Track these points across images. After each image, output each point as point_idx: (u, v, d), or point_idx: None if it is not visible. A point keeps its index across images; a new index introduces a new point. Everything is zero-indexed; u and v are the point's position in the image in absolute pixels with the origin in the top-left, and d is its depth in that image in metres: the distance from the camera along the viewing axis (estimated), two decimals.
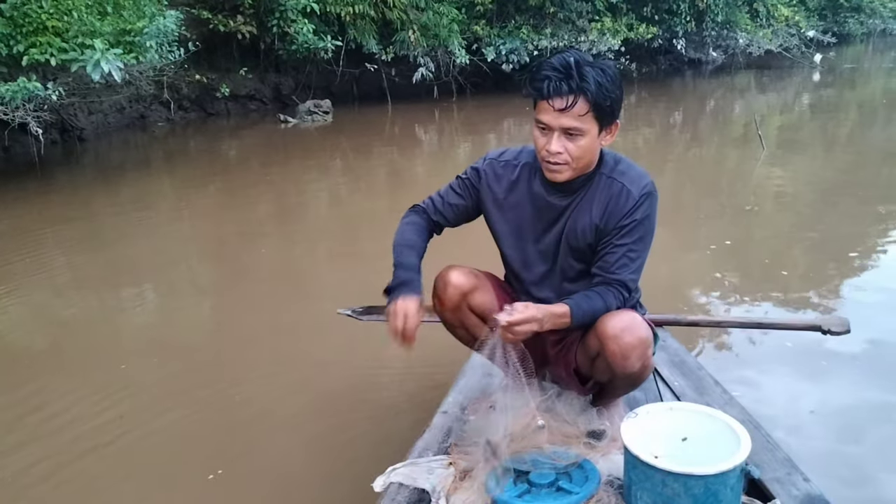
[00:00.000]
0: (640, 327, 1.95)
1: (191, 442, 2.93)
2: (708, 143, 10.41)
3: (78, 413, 3.20)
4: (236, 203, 7.28)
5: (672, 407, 1.96)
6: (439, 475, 1.89)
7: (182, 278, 5.24)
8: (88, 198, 7.82)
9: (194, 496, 2.59)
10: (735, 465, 1.67)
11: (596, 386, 2.20)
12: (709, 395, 2.36)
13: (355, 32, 12.84)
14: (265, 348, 3.81)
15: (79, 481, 2.72)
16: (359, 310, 3.07)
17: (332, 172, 9.12)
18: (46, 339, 4.22)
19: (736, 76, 18.65)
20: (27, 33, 7.09)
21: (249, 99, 13.89)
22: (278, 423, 3.04)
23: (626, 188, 2.00)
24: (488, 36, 14.51)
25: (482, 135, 11.38)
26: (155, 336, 4.16)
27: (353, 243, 5.85)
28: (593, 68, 1.86)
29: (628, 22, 16.06)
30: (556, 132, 1.91)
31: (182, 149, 11.14)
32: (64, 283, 5.23)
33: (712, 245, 5.23)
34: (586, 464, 1.84)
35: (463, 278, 2.13)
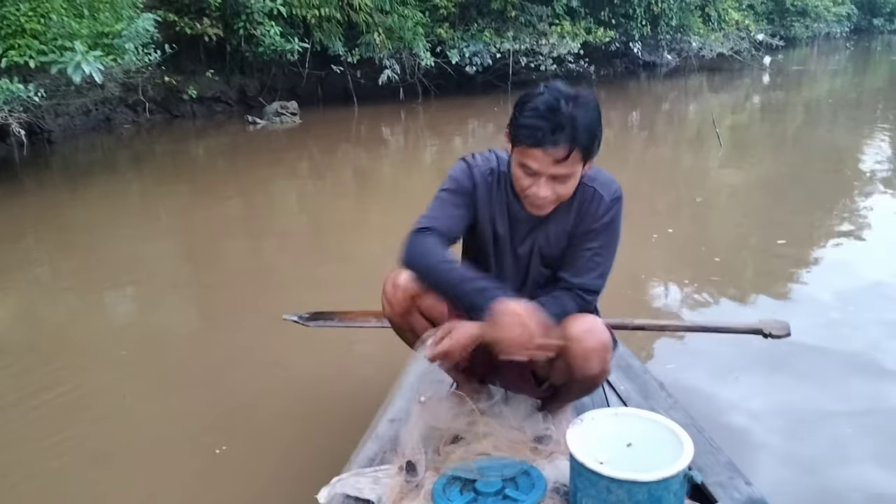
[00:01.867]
0: (602, 331, 1.93)
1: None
2: (664, 142, 10.52)
3: (83, 392, 3.32)
4: (205, 203, 7.18)
5: (617, 412, 1.94)
6: (385, 485, 1.84)
7: (154, 277, 5.13)
8: (58, 200, 7.66)
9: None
10: (677, 470, 1.66)
11: (550, 389, 2.17)
12: (654, 399, 2.35)
13: (321, 35, 12.71)
14: (217, 350, 3.74)
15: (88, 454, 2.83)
16: (305, 315, 3.01)
17: (300, 173, 9.03)
18: (41, 331, 4.21)
19: (689, 78, 18.84)
20: (5, 35, 6.98)
21: (215, 101, 13.66)
22: (211, 427, 2.94)
23: (598, 193, 1.97)
24: (452, 39, 14.46)
25: (448, 135, 11.36)
26: (137, 329, 4.19)
27: (321, 243, 5.80)
28: (578, 108, 1.77)
29: (587, 26, 16.12)
30: (544, 177, 1.83)
31: (148, 151, 10.92)
32: (45, 280, 5.21)
33: (655, 235, 5.30)
34: (532, 471, 1.81)
35: (413, 281, 2.01)
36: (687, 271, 4.79)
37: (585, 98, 1.82)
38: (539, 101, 1.79)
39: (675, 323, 3.38)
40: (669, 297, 4.39)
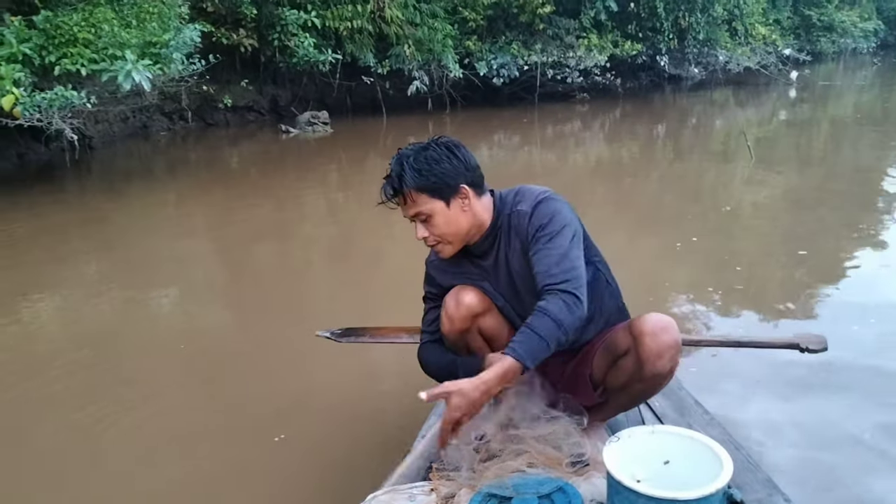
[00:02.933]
0: (676, 330, 1.93)
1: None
2: (690, 155, 10.39)
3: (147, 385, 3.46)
4: (238, 210, 7.22)
5: (654, 430, 1.88)
6: (421, 501, 1.80)
7: (192, 280, 5.22)
8: (98, 204, 7.79)
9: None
10: (717, 488, 1.59)
11: (603, 395, 2.13)
12: (690, 416, 2.29)
13: (353, 47, 12.77)
14: (251, 363, 3.72)
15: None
16: (337, 332, 2.97)
17: (330, 182, 9.05)
18: (96, 329, 4.30)
19: (714, 92, 18.65)
20: (59, 45, 7.14)
21: (248, 110, 13.80)
22: (252, 442, 2.91)
23: (521, 211, 2.00)
24: (480, 51, 14.46)
25: (474, 146, 11.26)
26: (184, 327, 4.33)
27: (350, 253, 5.79)
28: (414, 158, 1.94)
29: (614, 39, 16.03)
30: (415, 222, 2.00)
31: (183, 158, 11.04)
32: (90, 280, 5.32)
33: (679, 243, 5.21)
34: (568, 488, 1.76)
35: (476, 299, 2.07)
36: (709, 280, 4.71)
37: (429, 146, 1.98)
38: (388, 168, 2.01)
39: (709, 338, 3.28)
40: (693, 306, 4.30)
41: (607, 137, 12.29)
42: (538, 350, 1.78)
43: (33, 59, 7.03)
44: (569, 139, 12.31)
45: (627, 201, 7.28)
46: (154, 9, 8.07)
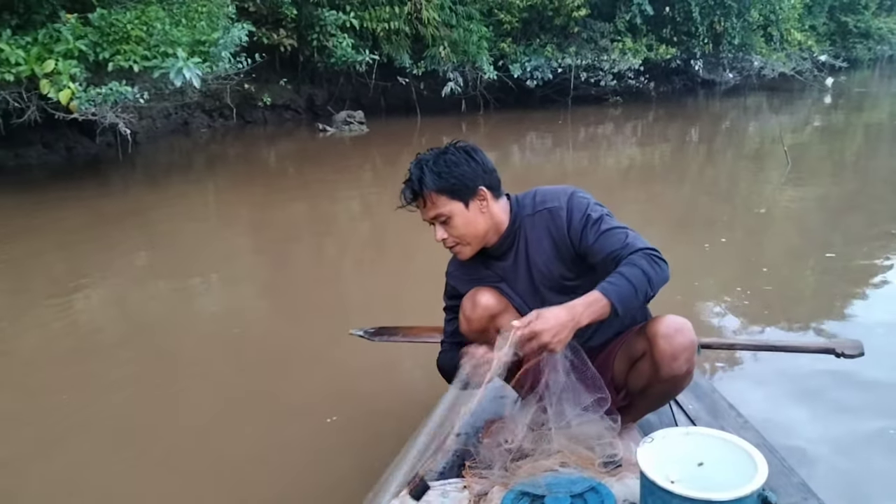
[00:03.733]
0: (691, 331, 1.92)
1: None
2: (723, 160, 10.25)
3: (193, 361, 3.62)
4: (274, 206, 7.29)
5: (688, 431, 1.86)
6: (454, 498, 1.79)
7: (232, 272, 5.29)
8: (140, 197, 7.93)
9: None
10: (752, 490, 1.57)
11: (626, 398, 2.12)
12: (723, 419, 2.25)
13: (389, 47, 12.81)
14: (288, 352, 3.75)
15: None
16: (370, 330, 2.99)
17: (364, 181, 9.09)
18: (145, 318, 4.38)
19: (748, 97, 18.37)
20: (112, 41, 7.30)
21: (285, 108, 13.92)
22: (280, 441, 2.90)
23: (552, 208, 2.01)
24: (514, 53, 14.42)
25: (506, 147, 11.27)
26: (228, 316, 4.40)
27: (382, 250, 5.81)
28: (434, 161, 1.97)
29: (648, 42, 15.88)
30: (434, 224, 2.02)
31: (222, 154, 11.17)
32: (137, 269, 5.45)
33: (707, 244, 5.14)
34: (601, 488, 1.74)
35: (493, 300, 2.06)
36: (738, 280, 4.65)
37: (448, 150, 2.00)
38: (407, 171, 2.03)
39: (743, 341, 3.22)
40: (721, 307, 4.24)
41: (640, 141, 12.17)
42: (626, 293, 1.78)
43: (88, 56, 7.19)
44: (601, 142, 12.22)
45: (658, 204, 7.20)
46: (203, 8, 8.23)
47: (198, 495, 2.54)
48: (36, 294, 4.70)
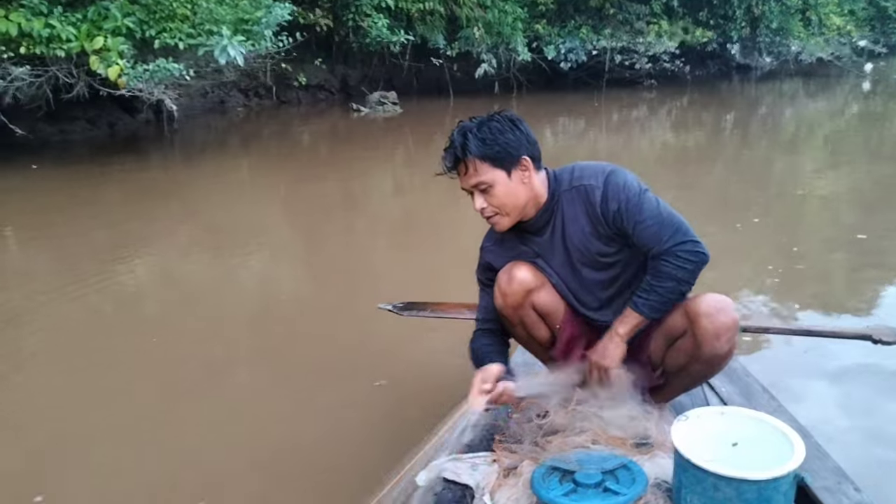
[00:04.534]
0: (733, 310, 1.88)
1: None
2: (758, 144, 10.04)
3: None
4: (307, 184, 7.31)
5: (723, 411, 1.81)
6: (483, 471, 1.77)
7: (267, 247, 5.33)
8: (177, 173, 8.06)
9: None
10: (789, 470, 1.53)
11: (662, 377, 2.07)
12: (756, 402, 2.20)
13: (424, 28, 12.74)
14: (314, 334, 3.74)
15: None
16: (399, 305, 2.96)
17: (396, 160, 9.08)
18: (188, 288, 4.46)
19: (784, 82, 17.97)
20: (159, 19, 7.36)
21: (319, 88, 13.93)
22: (291, 418, 2.88)
23: (588, 185, 1.95)
24: (549, 35, 14.25)
25: (539, 129, 11.17)
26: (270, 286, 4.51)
27: (412, 229, 5.81)
28: (477, 128, 1.92)
29: (684, 25, 15.59)
30: (473, 193, 1.96)
31: (257, 133, 11.23)
32: (178, 242, 5.53)
33: (739, 224, 5.09)
34: (633, 465, 1.70)
35: (529, 275, 2.02)
36: (769, 259, 4.60)
37: (492, 117, 1.96)
38: (448, 139, 1.99)
39: (777, 325, 3.15)
40: (752, 285, 4.18)
41: (674, 125, 11.98)
42: (660, 307, 1.90)
43: (135, 33, 7.26)
44: (634, 125, 12.04)
45: (691, 186, 7.09)
46: None
47: (251, 453, 2.58)
48: (82, 265, 4.75)
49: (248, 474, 2.45)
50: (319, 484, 2.36)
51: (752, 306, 3.91)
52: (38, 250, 5.26)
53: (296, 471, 2.44)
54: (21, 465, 2.53)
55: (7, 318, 3.88)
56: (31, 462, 2.54)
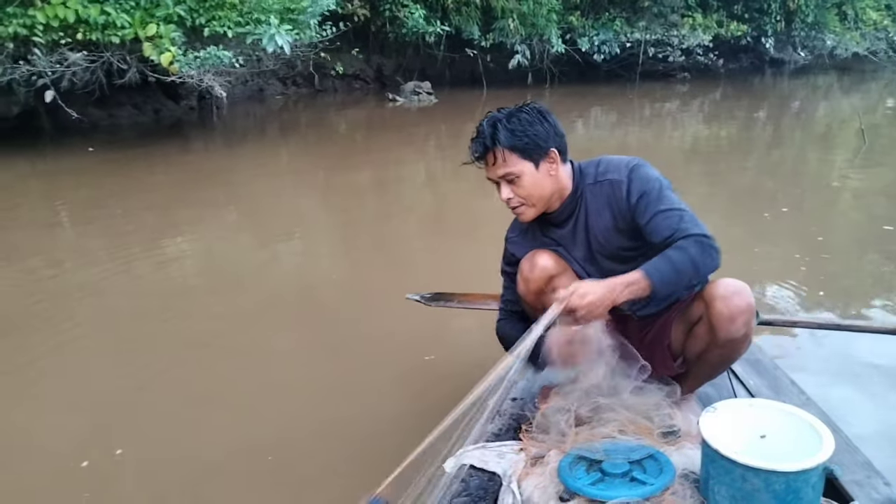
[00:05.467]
0: (749, 294, 1.85)
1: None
2: (791, 139, 9.84)
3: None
4: (342, 172, 7.35)
5: (752, 403, 1.79)
6: (510, 460, 1.77)
7: (305, 231, 5.42)
8: (218, 159, 8.13)
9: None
10: (819, 463, 1.50)
11: (683, 365, 2.05)
12: (785, 395, 2.16)
13: (459, 19, 12.67)
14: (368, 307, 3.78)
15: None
16: (427, 295, 2.95)
17: (429, 151, 9.06)
18: (237, 269, 4.55)
19: (818, 77, 17.54)
20: (208, 7, 7.44)
21: (354, 78, 13.95)
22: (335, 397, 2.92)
23: (613, 180, 1.94)
24: (582, 27, 14.08)
25: (571, 121, 11.04)
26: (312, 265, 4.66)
27: (443, 220, 5.81)
28: (507, 119, 1.90)
29: (719, 18, 15.29)
30: (500, 183, 1.95)
31: (294, 121, 11.30)
32: (222, 225, 5.61)
33: (767, 213, 5.02)
34: (660, 455, 1.68)
35: (551, 261, 2.00)
36: (796, 248, 4.54)
37: (522, 108, 1.94)
38: (476, 129, 1.96)
39: (806, 319, 3.09)
40: (778, 273, 4.12)
41: (706, 118, 11.77)
42: (668, 275, 1.76)
43: (185, 21, 7.33)
44: (666, 118, 11.87)
45: (723, 178, 6.99)
46: None
47: (305, 419, 2.67)
48: (132, 247, 4.84)
49: (304, 437, 2.55)
50: (370, 450, 2.41)
51: (774, 293, 3.86)
52: (91, 228, 5.41)
53: (348, 435, 2.55)
54: (99, 424, 2.66)
55: (60, 292, 4.02)
56: (107, 421, 2.67)
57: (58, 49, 7.00)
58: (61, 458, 2.43)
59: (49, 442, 2.55)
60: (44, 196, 6.39)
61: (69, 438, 2.56)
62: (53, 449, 2.50)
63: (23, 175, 7.15)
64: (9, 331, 3.48)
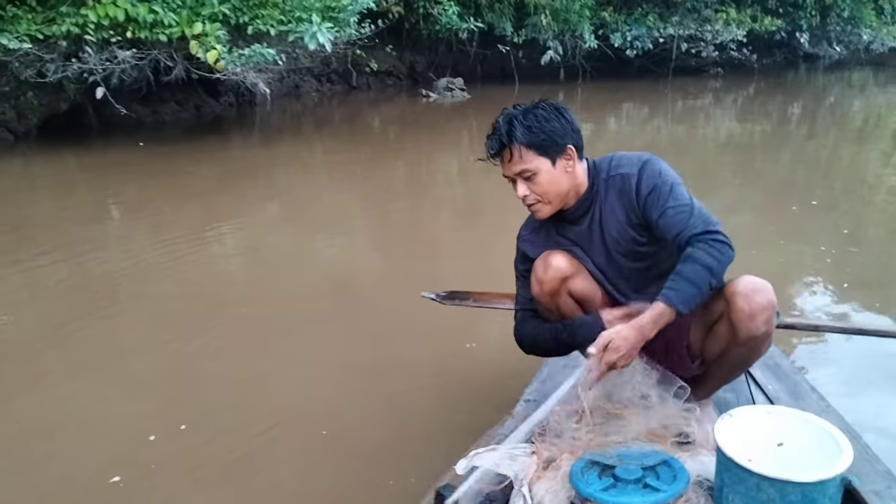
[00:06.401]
0: (770, 292, 1.79)
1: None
2: (825, 135, 9.59)
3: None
4: (376, 168, 7.37)
5: (769, 410, 1.74)
6: (522, 463, 1.72)
7: (343, 224, 5.45)
8: (256, 154, 8.22)
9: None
10: (836, 473, 1.45)
11: (701, 366, 2.00)
12: (804, 401, 2.09)
13: (492, 15, 12.59)
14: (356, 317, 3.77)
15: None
16: (442, 294, 2.90)
17: (461, 146, 9.02)
18: (275, 259, 4.64)
19: (853, 72, 17.05)
20: (252, 6, 7.53)
21: (387, 75, 13.94)
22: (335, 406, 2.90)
23: (624, 174, 1.90)
24: (615, 22, 13.88)
25: (602, 116, 10.90)
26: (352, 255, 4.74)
27: (474, 215, 5.80)
28: (523, 116, 1.87)
29: (753, 13, 14.94)
30: (516, 180, 1.91)
31: (329, 117, 11.35)
32: (264, 219, 5.69)
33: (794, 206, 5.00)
34: (674, 462, 1.64)
35: (565, 262, 1.96)
36: (820, 240, 4.50)
37: (538, 105, 1.90)
38: (492, 125, 1.93)
39: (830, 324, 2.92)
40: (802, 266, 4.07)
41: (739, 113, 11.53)
42: (689, 295, 1.72)
43: (230, 19, 7.42)
44: (699, 114, 11.65)
45: (755, 173, 6.86)
46: None
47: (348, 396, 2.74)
48: (178, 238, 4.93)
49: (355, 414, 2.63)
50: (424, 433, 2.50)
51: (797, 284, 3.80)
52: (139, 219, 5.55)
53: (395, 415, 2.63)
54: (165, 400, 2.78)
55: (116, 278, 4.16)
56: (171, 398, 2.79)
57: (108, 47, 7.13)
58: (132, 432, 2.54)
59: (120, 418, 2.66)
60: (93, 188, 6.53)
61: (137, 415, 2.67)
62: (125, 425, 2.61)
63: (72, 169, 7.33)
64: (81, 316, 3.59)
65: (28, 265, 4.37)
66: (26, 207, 5.78)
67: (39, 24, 6.81)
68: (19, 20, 6.73)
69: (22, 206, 5.78)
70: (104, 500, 2.18)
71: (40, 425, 2.60)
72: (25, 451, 2.44)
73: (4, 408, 2.73)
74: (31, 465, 2.35)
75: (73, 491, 2.23)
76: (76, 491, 2.23)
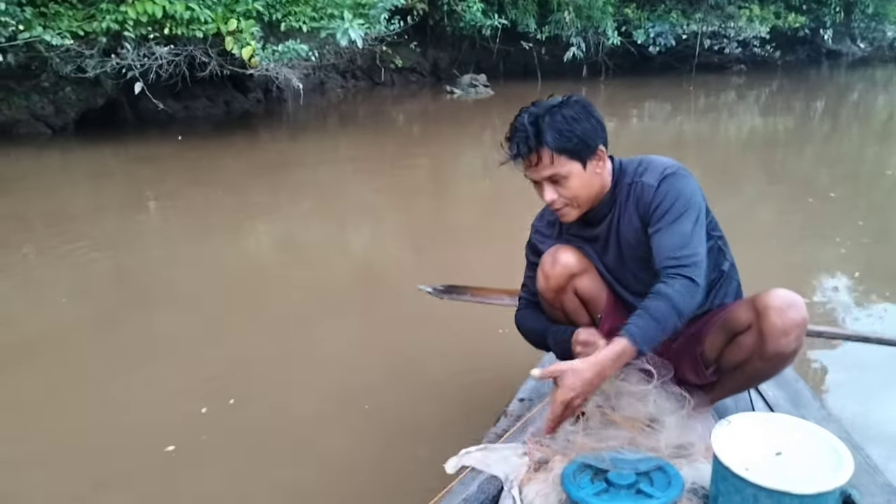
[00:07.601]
0: (803, 308, 1.69)
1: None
2: (848, 132, 9.35)
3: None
4: (399, 163, 7.36)
5: (769, 418, 1.68)
6: (513, 464, 1.67)
7: (370, 218, 5.49)
8: (283, 149, 8.27)
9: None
10: (836, 486, 1.40)
11: (714, 374, 1.91)
12: (805, 409, 2.01)
13: (516, 12, 12.48)
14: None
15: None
16: (440, 287, 2.83)
17: (484, 142, 8.95)
18: (308, 251, 4.68)
19: (877, 69, 16.60)
20: (285, 3, 7.58)
21: (411, 71, 13.90)
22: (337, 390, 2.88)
23: (645, 183, 1.78)
24: (638, 19, 13.68)
25: (626, 112, 10.75)
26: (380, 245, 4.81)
27: (496, 214, 5.76)
28: (550, 116, 1.71)
29: (776, 10, 14.62)
30: (543, 183, 1.76)
31: (353, 113, 11.35)
32: (295, 212, 5.69)
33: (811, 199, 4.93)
34: (669, 468, 1.58)
35: (573, 259, 1.88)
36: (836, 231, 4.38)
37: (566, 104, 1.75)
38: (518, 119, 1.77)
39: (835, 331, 2.80)
40: (816, 257, 3.95)
41: (762, 110, 11.30)
42: (654, 334, 1.61)
43: (263, 16, 7.46)
44: (722, 110, 11.43)
45: (778, 169, 6.72)
46: None
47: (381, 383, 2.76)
48: (212, 231, 4.99)
49: (396, 392, 2.69)
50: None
51: (811, 272, 3.72)
52: (174, 210, 5.62)
53: (435, 394, 2.66)
54: (214, 376, 2.85)
55: (143, 266, 4.22)
56: (220, 374, 2.87)
57: (145, 43, 7.21)
58: (186, 405, 2.62)
59: (173, 395, 2.74)
60: (130, 181, 6.63)
61: (191, 390, 2.74)
62: (178, 400, 2.69)
63: (109, 162, 7.44)
64: (132, 304, 3.68)
65: (78, 257, 4.42)
66: (67, 199, 5.88)
67: (80, 20, 6.91)
68: (61, 17, 6.84)
69: (64, 199, 5.87)
70: (160, 466, 2.29)
71: (106, 399, 2.73)
72: (91, 421, 2.57)
73: (78, 382, 2.86)
74: (95, 434, 2.48)
75: (133, 458, 2.33)
76: (136, 458, 2.33)
